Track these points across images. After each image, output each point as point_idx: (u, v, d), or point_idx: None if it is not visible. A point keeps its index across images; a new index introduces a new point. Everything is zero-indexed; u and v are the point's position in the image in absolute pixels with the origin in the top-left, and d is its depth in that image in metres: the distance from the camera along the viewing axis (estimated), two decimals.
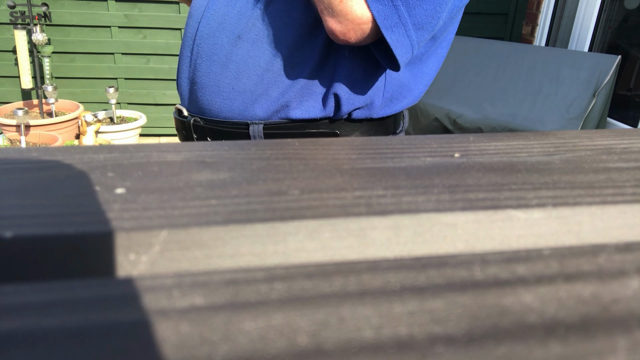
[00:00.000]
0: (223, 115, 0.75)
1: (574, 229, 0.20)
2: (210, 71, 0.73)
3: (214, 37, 0.72)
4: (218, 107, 0.74)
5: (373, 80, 0.74)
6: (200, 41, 0.74)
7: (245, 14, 0.71)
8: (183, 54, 0.77)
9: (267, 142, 0.27)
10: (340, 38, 0.66)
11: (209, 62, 0.73)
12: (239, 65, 0.71)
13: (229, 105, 0.73)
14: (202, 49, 0.73)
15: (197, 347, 0.12)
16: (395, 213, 0.19)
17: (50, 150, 0.24)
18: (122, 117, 2.90)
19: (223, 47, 0.71)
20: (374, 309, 0.14)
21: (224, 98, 0.73)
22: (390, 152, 0.26)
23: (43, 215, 0.18)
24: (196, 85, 0.75)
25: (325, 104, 0.73)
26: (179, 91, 0.80)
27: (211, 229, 0.18)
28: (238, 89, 0.72)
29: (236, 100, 0.73)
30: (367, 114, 0.77)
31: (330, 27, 0.65)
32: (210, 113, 0.76)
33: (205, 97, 0.75)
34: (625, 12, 2.45)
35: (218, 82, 0.73)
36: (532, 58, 2.43)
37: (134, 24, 2.81)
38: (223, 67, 0.72)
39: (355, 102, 0.74)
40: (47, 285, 0.14)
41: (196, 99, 0.77)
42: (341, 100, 0.73)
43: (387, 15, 0.63)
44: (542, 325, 0.14)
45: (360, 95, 0.74)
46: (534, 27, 2.88)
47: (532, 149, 0.27)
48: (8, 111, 2.68)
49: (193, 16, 0.76)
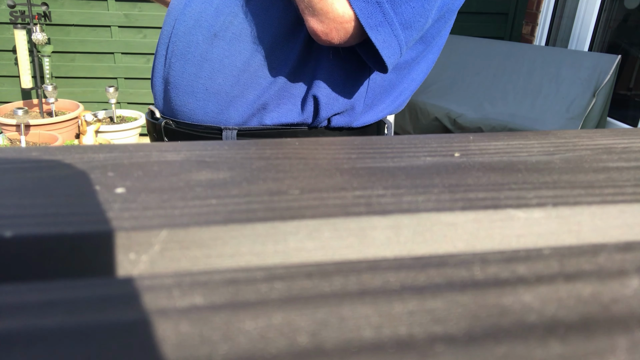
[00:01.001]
0: (196, 119, 0.71)
1: (574, 228, 0.20)
2: (184, 71, 0.70)
3: (189, 34, 0.69)
4: (191, 109, 0.71)
5: (355, 84, 0.71)
6: (175, 39, 0.71)
7: (222, 11, 0.67)
8: (158, 52, 0.74)
9: (267, 141, 0.27)
10: (323, 38, 0.62)
11: (183, 61, 0.70)
12: (214, 65, 0.68)
13: (203, 108, 0.70)
14: (177, 47, 0.70)
15: (197, 347, 0.12)
16: (395, 213, 0.19)
17: (50, 150, 0.24)
18: (122, 116, 2.90)
19: (198, 46, 0.68)
20: (374, 309, 0.14)
21: (197, 99, 0.70)
22: (390, 151, 0.26)
23: (43, 214, 0.18)
24: (170, 85, 0.72)
25: (303, 107, 0.70)
26: (153, 91, 0.77)
27: (211, 228, 0.18)
28: (213, 90, 0.69)
29: (210, 102, 0.69)
30: (347, 121, 0.73)
31: (311, 27, 0.61)
32: (183, 115, 0.72)
33: (179, 98, 0.71)
34: (626, 11, 2.45)
35: (192, 82, 0.69)
36: (532, 58, 2.43)
37: (134, 23, 2.81)
38: (198, 67, 0.69)
39: (334, 107, 0.71)
40: (47, 285, 0.14)
41: (169, 99, 0.73)
42: (320, 104, 0.70)
43: (371, 14, 0.60)
44: (542, 325, 0.14)
45: (341, 100, 0.71)
46: (534, 26, 2.88)
47: (532, 149, 0.27)
48: (8, 111, 2.68)
49: (171, 13, 0.73)
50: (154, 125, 0.78)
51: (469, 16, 2.92)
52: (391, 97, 0.76)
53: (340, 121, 0.73)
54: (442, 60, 2.63)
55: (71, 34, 2.80)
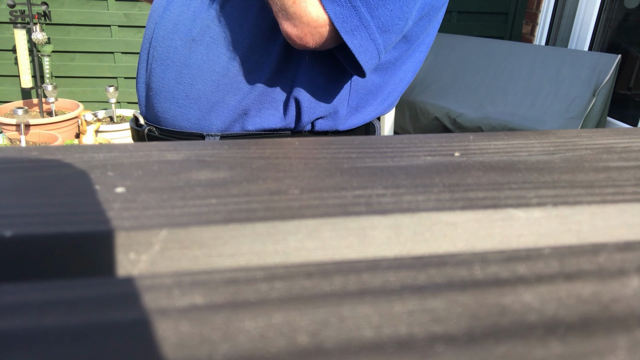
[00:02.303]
0: (178, 125, 0.70)
1: (574, 228, 0.20)
2: (164, 76, 0.69)
3: (168, 39, 0.68)
4: (173, 115, 0.70)
5: (337, 87, 0.70)
6: (155, 44, 0.69)
7: (199, 15, 0.66)
8: (141, 57, 0.73)
9: (267, 141, 0.27)
10: (298, 42, 0.61)
11: (163, 67, 0.68)
12: (193, 71, 0.67)
13: (184, 114, 0.69)
14: (157, 53, 0.69)
15: (197, 346, 0.12)
16: (395, 212, 0.19)
17: (50, 150, 0.24)
18: (122, 116, 2.90)
19: (177, 51, 0.67)
20: (374, 308, 0.14)
21: (178, 106, 0.69)
22: (390, 151, 0.26)
23: (43, 214, 0.18)
24: (151, 92, 0.71)
25: (285, 112, 0.69)
26: (137, 97, 0.76)
27: (211, 228, 0.18)
28: (193, 96, 0.68)
29: (191, 108, 0.68)
30: (332, 125, 0.72)
31: (286, 31, 0.60)
32: (165, 122, 0.71)
33: (160, 104, 0.70)
34: (625, 11, 2.45)
35: (172, 88, 0.68)
36: (532, 57, 2.43)
37: (134, 22, 2.81)
38: (177, 73, 0.68)
39: (317, 111, 0.69)
40: (47, 285, 0.14)
41: (152, 106, 0.72)
42: (302, 109, 0.69)
43: (346, 18, 0.58)
44: (542, 325, 0.14)
45: (323, 103, 0.69)
46: (534, 26, 2.88)
47: (532, 148, 0.27)
48: (8, 110, 2.68)
49: (152, 17, 0.72)
50: (137, 132, 0.77)
51: (469, 16, 2.92)
52: (378, 98, 0.75)
53: (325, 125, 0.72)
54: (442, 60, 2.64)
55: (71, 33, 2.80)
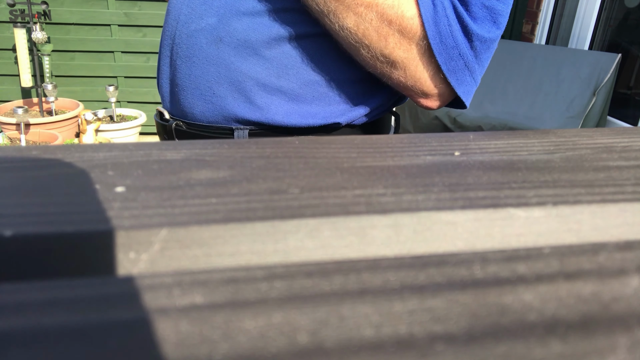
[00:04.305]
0: (206, 120, 0.71)
1: (574, 227, 0.20)
2: (190, 73, 0.69)
3: (192, 37, 0.68)
4: (200, 111, 0.70)
5: (383, 91, 0.70)
6: (179, 41, 0.70)
7: (225, 15, 0.67)
8: (162, 53, 0.73)
9: (267, 140, 0.27)
10: (424, 106, 0.65)
11: (189, 64, 0.69)
12: (220, 69, 0.67)
13: (212, 110, 0.69)
14: (182, 49, 0.69)
15: (197, 346, 0.12)
16: (395, 211, 0.19)
17: (50, 149, 0.24)
18: (122, 115, 2.90)
19: (202, 49, 0.68)
20: (374, 308, 0.14)
21: (206, 102, 0.69)
22: (390, 150, 0.26)
23: (43, 213, 0.18)
24: (177, 87, 0.71)
25: (319, 112, 0.69)
26: (160, 92, 0.76)
27: (211, 227, 0.18)
28: (220, 93, 0.68)
29: (219, 104, 0.69)
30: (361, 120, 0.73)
31: (421, 104, 0.64)
32: (192, 117, 0.72)
33: (187, 100, 0.71)
34: (626, 10, 2.45)
35: (199, 85, 0.69)
36: (532, 56, 2.43)
37: (133, 22, 2.81)
38: (204, 70, 0.68)
39: (353, 114, 0.70)
40: (47, 284, 0.14)
41: (178, 101, 0.73)
42: (339, 110, 0.69)
43: (463, 79, 0.62)
44: (542, 324, 0.13)
45: (362, 106, 0.69)
46: (534, 25, 2.87)
47: (532, 148, 0.27)
48: (8, 109, 2.67)
49: (171, 13, 0.72)
50: (164, 126, 0.77)
51: None
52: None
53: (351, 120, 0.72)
54: None
55: (71, 32, 2.79)
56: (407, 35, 0.58)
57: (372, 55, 0.60)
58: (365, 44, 0.58)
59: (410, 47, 0.59)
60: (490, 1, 0.58)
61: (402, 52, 0.59)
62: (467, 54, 0.60)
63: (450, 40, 0.58)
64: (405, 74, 0.61)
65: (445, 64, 0.60)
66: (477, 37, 0.59)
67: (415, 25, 0.57)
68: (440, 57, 0.59)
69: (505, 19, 0.61)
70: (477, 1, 0.58)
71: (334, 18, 0.58)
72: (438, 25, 0.58)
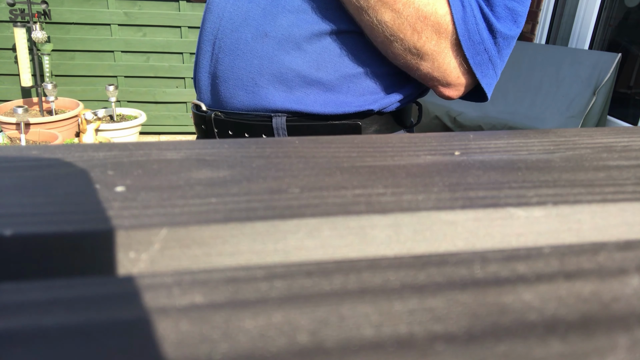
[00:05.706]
0: (246, 109, 0.76)
1: (574, 227, 0.20)
2: (233, 65, 0.74)
3: (237, 32, 0.74)
4: (241, 100, 0.76)
5: (411, 83, 0.76)
6: (222, 36, 0.75)
7: (270, 11, 0.72)
8: (202, 48, 0.78)
9: (267, 140, 0.27)
10: (444, 96, 0.70)
11: (232, 56, 0.74)
12: (263, 62, 0.73)
13: (253, 99, 0.75)
14: (225, 44, 0.75)
15: (197, 345, 0.12)
16: (395, 211, 0.19)
17: (50, 148, 0.24)
18: (122, 115, 2.90)
19: (247, 43, 0.73)
20: (374, 307, 0.14)
21: (247, 92, 0.75)
22: (390, 150, 0.26)
23: (43, 213, 0.18)
24: (218, 80, 0.77)
25: (353, 101, 0.75)
26: (198, 86, 0.81)
27: (211, 227, 0.18)
28: (261, 84, 0.74)
29: (259, 94, 0.75)
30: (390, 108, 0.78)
31: (443, 94, 0.70)
32: (232, 106, 0.77)
33: (228, 90, 0.76)
34: (626, 10, 2.44)
35: (242, 76, 0.74)
36: (533, 56, 2.43)
37: (133, 21, 2.81)
38: (247, 62, 0.74)
39: (385, 102, 0.75)
40: (47, 284, 0.14)
41: (218, 93, 0.78)
42: (372, 99, 0.74)
43: (486, 71, 0.67)
44: (543, 324, 0.13)
45: (393, 94, 0.75)
46: (534, 25, 2.87)
47: (533, 147, 0.27)
48: (8, 109, 2.67)
49: (213, 11, 0.77)
50: (202, 117, 0.82)
51: None
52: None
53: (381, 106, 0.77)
54: None
55: (71, 32, 2.79)
56: (439, 30, 0.64)
57: (405, 47, 0.66)
58: (400, 37, 0.64)
59: (440, 41, 0.65)
60: (512, 3, 0.65)
61: (432, 46, 0.65)
62: (492, 49, 0.66)
63: (477, 36, 0.65)
64: (434, 65, 0.67)
65: (472, 57, 0.66)
66: (501, 34, 0.66)
67: (446, 22, 0.63)
68: (468, 52, 0.65)
69: (523, 19, 0.67)
70: (500, 2, 0.65)
71: (372, 12, 0.64)
72: (467, 22, 0.64)
